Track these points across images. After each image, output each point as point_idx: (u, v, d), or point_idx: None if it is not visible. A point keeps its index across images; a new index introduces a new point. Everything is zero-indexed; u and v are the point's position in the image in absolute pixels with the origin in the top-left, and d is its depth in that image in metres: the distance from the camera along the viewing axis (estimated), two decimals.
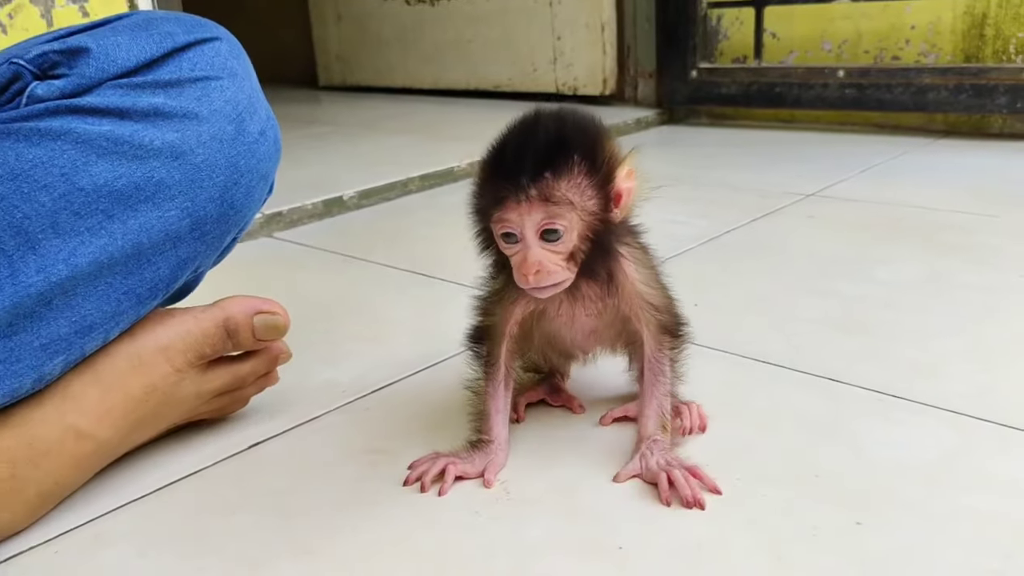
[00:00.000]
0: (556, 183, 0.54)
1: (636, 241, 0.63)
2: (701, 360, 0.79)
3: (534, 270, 0.54)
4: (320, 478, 0.63)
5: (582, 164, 0.55)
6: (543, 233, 0.55)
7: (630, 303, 0.61)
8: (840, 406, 0.70)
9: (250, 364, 0.68)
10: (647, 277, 0.62)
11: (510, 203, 0.54)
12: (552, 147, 0.55)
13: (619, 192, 0.57)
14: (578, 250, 0.56)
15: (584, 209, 0.55)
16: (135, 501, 0.61)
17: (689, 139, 1.96)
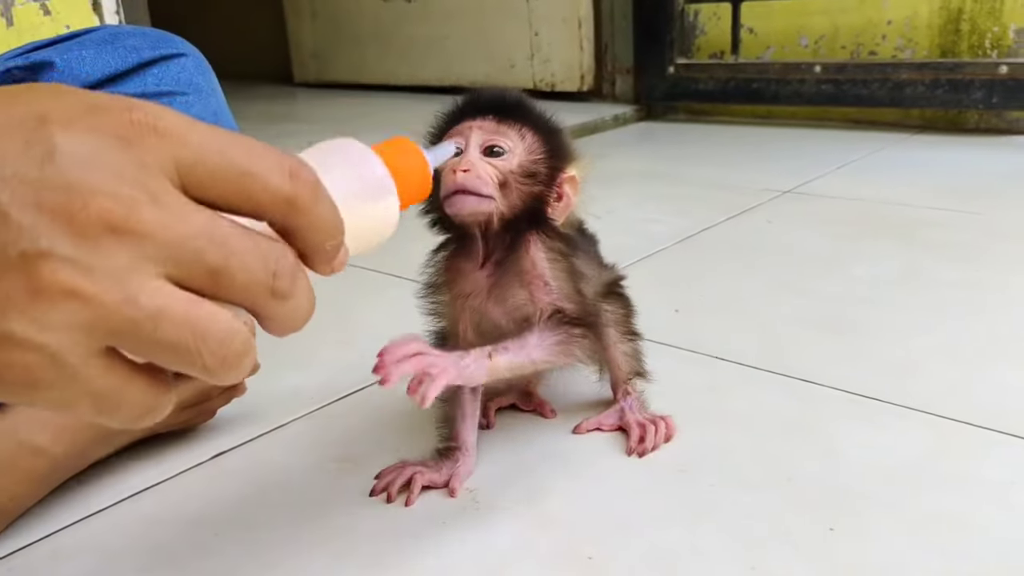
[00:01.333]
0: (510, 124, 0.57)
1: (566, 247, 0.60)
2: (676, 363, 0.78)
3: (464, 167, 0.54)
4: (284, 488, 0.62)
5: (537, 132, 0.58)
6: (486, 149, 0.56)
7: (529, 281, 0.58)
8: (816, 408, 0.69)
9: None
10: (555, 262, 0.58)
11: (465, 123, 0.57)
12: (516, 102, 0.58)
13: (561, 192, 0.57)
14: (511, 189, 0.55)
15: (526, 163, 0.56)
16: (94, 515, 0.59)
17: (667, 135, 1.96)
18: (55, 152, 0.26)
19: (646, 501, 0.58)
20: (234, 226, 0.29)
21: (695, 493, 0.59)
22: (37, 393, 0.27)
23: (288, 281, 0.30)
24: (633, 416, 0.66)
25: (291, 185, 0.30)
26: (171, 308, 0.27)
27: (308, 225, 0.31)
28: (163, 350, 0.27)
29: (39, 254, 0.25)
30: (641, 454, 0.63)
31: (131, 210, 0.26)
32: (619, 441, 0.65)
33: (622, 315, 0.67)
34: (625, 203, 1.35)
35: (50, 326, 0.26)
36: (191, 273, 0.28)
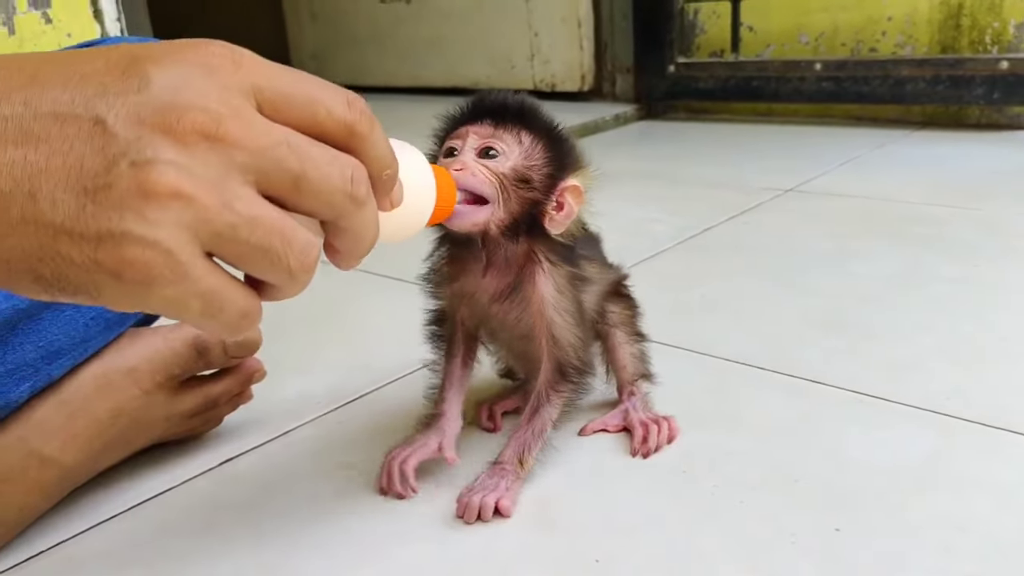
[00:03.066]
0: (508, 129, 0.56)
1: (572, 268, 0.60)
2: (679, 363, 0.78)
3: (457, 166, 0.54)
4: (291, 494, 0.62)
5: (537, 137, 0.57)
6: (480, 151, 0.55)
7: (534, 320, 0.59)
8: (819, 408, 0.70)
9: (223, 384, 0.66)
10: (561, 303, 0.59)
11: (464, 127, 0.56)
12: (517, 107, 0.57)
13: (562, 201, 0.56)
14: (509, 194, 0.55)
15: (521, 167, 0.55)
16: (105, 522, 0.60)
17: (667, 134, 1.96)
18: (149, 80, 0.30)
19: (651, 503, 0.58)
20: (311, 140, 0.33)
21: (699, 495, 0.59)
22: (153, 290, 0.30)
23: (364, 188, 0.35)
24: (637, 416, 0.66)
25: (350, 112, 0.34)
26: (264, 216, 0.32)
27: (366, 151, 0.36)
28: (256, 253, 0.32)
29: (146, 161, 0.29)
30: (645, 454, 0.63)
31: (219, 122, 0.30)
32: (624, 443, 0.66)
33: (628, 316, 0.67)
34: (626, 203, 1.35)
35: (162, 223, 0.29)
36: (275, 181, 0.32)
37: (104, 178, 0.29)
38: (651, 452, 0.63)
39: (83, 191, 0.29)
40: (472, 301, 0.60)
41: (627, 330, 0.67)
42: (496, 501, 0.57)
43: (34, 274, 0.30)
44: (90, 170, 0.29)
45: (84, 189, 0.29)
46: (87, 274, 0.30)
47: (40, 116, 0.29)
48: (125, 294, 0.30)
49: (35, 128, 0.29)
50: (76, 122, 0.29)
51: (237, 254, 0.32)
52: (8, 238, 0.29)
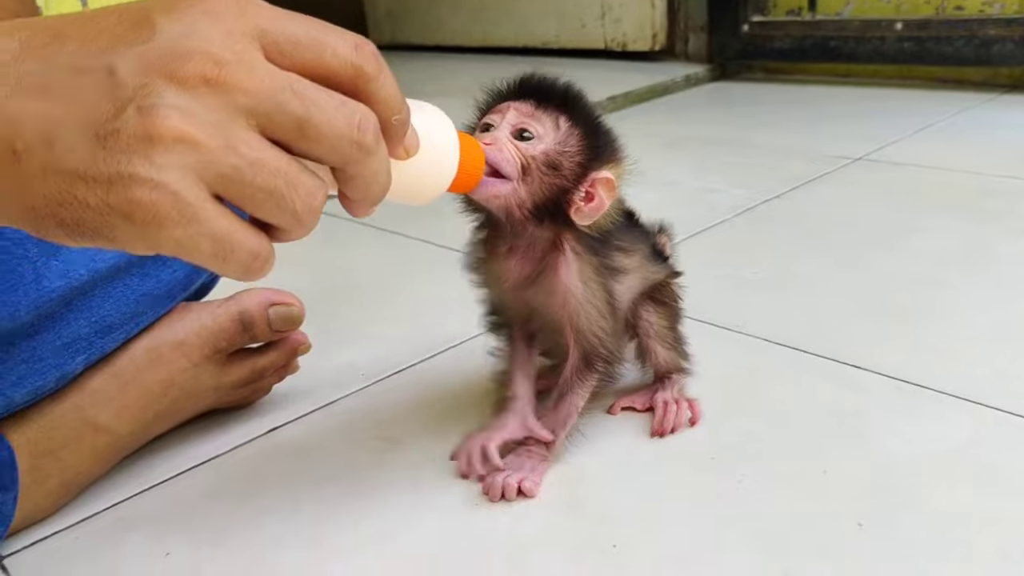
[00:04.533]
0: (548, 111, 0.56)
1: (605, 258, 0.59)
2: (720, 342, 0.78)
3: (489, 139, 0.54)
4: (329, 465, 0.65)
5: (576, 124, 0.56)
6: (516, 131, 0.55)
7: (558, 309, 0.59)
8: (858, 395, 0.68)
9: (269, 356, 0.69)
10: (585, 294, 0.58)
11: (503, 104, 0.56)
12: (562, 91, 0.57)
13: (592, 192, 0.56)
14: (533, 177, 0.54)
15: (552, 152, 0.55)
16: (154, 487, 0.63)
17: (740, 96, 1.91)
18: (157, 30, 0.32)
19: (675, 490, 0.59)
20: (317, 85, 0.34)
21: (725, 484, 0.59)
22: (164, 231, 0.32)
23: (372, 136, 0.35)
24: (662, 394, 0.66)
25: (357, 54, 0.35)
26: (268, 158, 0.33)
27: (373, 94, 0.36)
28: (261, 195, 0.33)
29: (151, 106, 0.31)
30: (661, 434, 0.64)
31: (222, 67, 0.31)
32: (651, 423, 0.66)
33: (664, 329, 0.66)
34: (689, 172, 1.33)
35: (167, 166, 0.31)
36: (279, 124, 0.33)
37: (113, 124, 0.31)
38: (667, 432, 0.64)
39: (95, 137, 0.31)
40: (501, 285, 0.61)
41: (663, 343, 0.66)
42: (519, 482, 0.58)
43: (57, 219, 0.32)
44: (101, 117, 0.31)
45: (96, 135, 0.31)
46: (102, 217, 0.31)
47: (59, 69, 0.31)
48: (138, 236, 0.32)
49: (54, 81, 0.31)
50: (91, 73, 0.31)
51: (242, 196, 0.33)
52: (32, 186, 0.31)
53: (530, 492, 0.58)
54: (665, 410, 0.65)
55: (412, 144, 0.41)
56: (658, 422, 0.65)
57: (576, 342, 0.60)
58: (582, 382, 0.60)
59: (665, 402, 0.66)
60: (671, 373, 0.68)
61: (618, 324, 0.61)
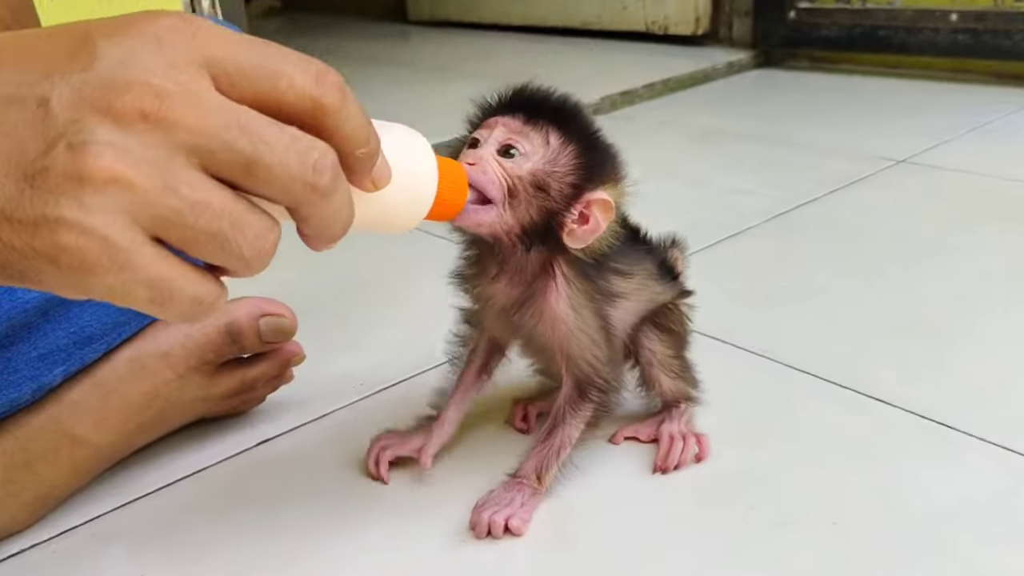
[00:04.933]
0: (538, 127, 0.52)
1: (599, 283, 0.56)
2: (735, 365, 0.74)
3: (473, 158, 0.51)
4: (316, 485, 0.62)
5: (568, 141, 0.52)
6: (502, 148, 0.51)
7: (549, 336, 0.55)
8: (879, 432, 0.64)
9: (260, 367, 0.67)
10: (576, 322, 0.55)
11: (493, 119, 0.53)
12: (556, 104, 0.53)
13: (586, 214, 0.52)
14: (520, 199, 0.51)
15: (540, 171, 0.51)
16: (134, 501, 0.62)
17: (783, 86, 1.84)
18: (96, 56, 0.29)
19: (675, 529, 0.55)
20: (269, 120, 0.31)
21: (728, 524, 0.55)
22: (94, 278, 0.29)
23: (329, 177, 0.32)
24: (668, 427, 0.63)
25: (317, 86, 0.32)
26: (210, 200, 0.30)
27: (335, 129, 0.33)
28: (204, 239, 0.30)
29: (82, 143, 0.28)
30: (664, 471, 0.60)
31: (162, 100, 0.29)
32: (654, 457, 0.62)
33: (668, 358, 0.62)
34: (721, 169, 1.28)
35: (97, 209, 0.28)
36: (225, 163, 0.30)
37: (42, 161, 0.28)
38: (670, 469, 0.60)
39: (23, 176, 0.28)
40: (490, 307, 0.57)
41: (667, 372, 0.62)
42: (506, 519, 0.55)
43: None
44: (30, 154, 0.28)
45: (24, 174, 0.28)
46: (27, 260, 0.29)
47: None
48: (65, 281, 0.30)
49: None
50: (22, 104, 0.29)
51: (183, 239, 0.30)
52: None
53: (517, 531, 0.55)
54: (670, 444, 0.61)
55: (381, 176, 0.38)
56: (661, 457, 0.61)
57: (569, 370, 0.56)
58: (575, 412, 0.57)
59: (671, 436, 0.62)
60: (678, 402, 0.64)
61: (615, 351, 0.57)
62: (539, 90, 0.55)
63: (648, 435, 0.64)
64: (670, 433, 0.62)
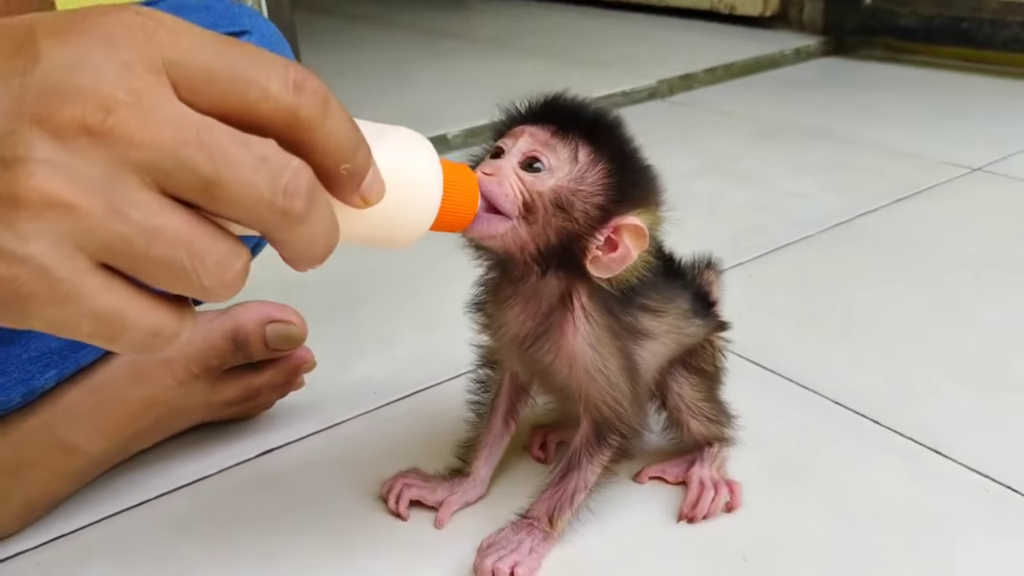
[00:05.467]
0: (567, 140, 0.47)
1: (624, 319, 0.50)
2: (775, 397, 0.68)
3: (491, 169, 0.46)
4: (319, 503, 0.59)
5: (600, 158, 0.47)
6: (525, 160, 0.46)
7: (565, 374, 0.51)
8: (934, 490, 0.58)
9: (267, 375, 0.63)
10: (596, 361, 0.49)
11: (520, 127, 0.48)
12: (591, 117, 0.48)
13: (615, 240, 0.46)
14: (538, 217, 0.46)
15: (563, 189, 0.46)
16: (127, 511, 0.59)
17: (853, 77, 1.73)
18: (39, 59, 0.25)
19: None
20: (235, 134, 0.27)
21: None
22: (33, 311, 0.26)
23: (304, 200, 0.28)
24: (699, 472, 0.57)
25: (295, 95, 0.28)
26: (164, 224, 0.26)
27: (314, 143, 0.29)
28: (158, 268, 0.27)
29: (16, 159, 0.25)
30: (690, 520, 0.55)
31: (109, 112, 0.25)
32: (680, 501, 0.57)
33: (700, 399, 0.57)
34: (778, 170, 1.20)
35: (32, 236, 0.25)
36: (183, 185, 0.27)
37: None
38: (698, 518, 0.55)
39: None
40: (504, 336, 0.52)
41: (697, 418, 0.57)
42: (512, 567, 0.51)
43: None
44: None
45: None
46: None
47: None
48: (2, 313, 0.26)
49: None
50: None
51: (135, 268, 0.27)
52: None
53: None
54: (700, 492, 0.56)
55: (372, 191, 0.33)
56: (688, 505, 0.56)
57: (587, 411, 0.51)
58: (592, 457, 0.52)
59: (701, 481, 0.57)
60: (711, 443, 0.59)
61: (639, 393, 0.52)
62: (574, 100, 0.49)
63: (676, 476, 0.59)
64: (700, 478, 0.57)
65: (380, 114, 0.42)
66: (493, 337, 0.54)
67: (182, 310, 0.29)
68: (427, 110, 1.47)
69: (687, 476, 0.58)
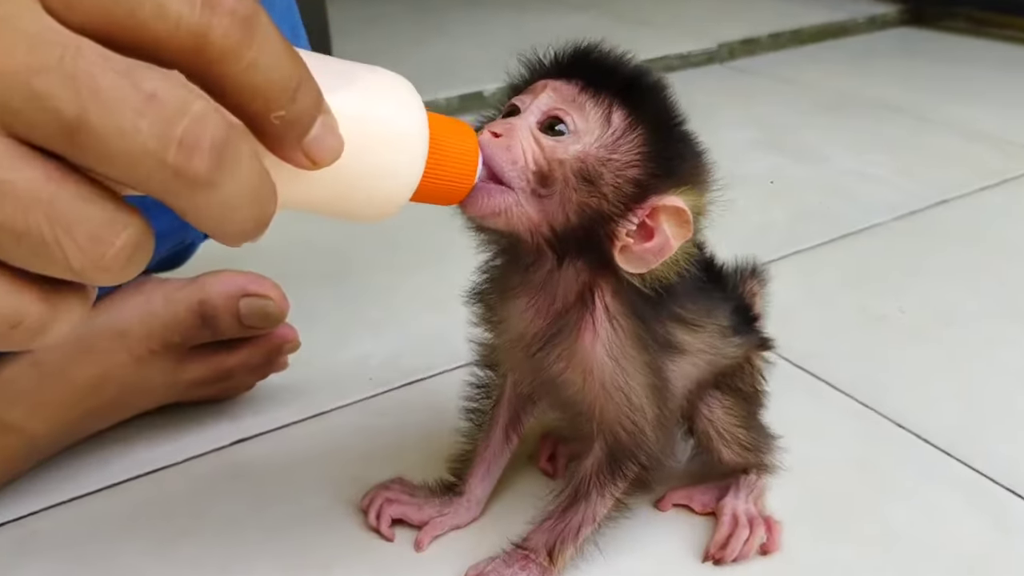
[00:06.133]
0: (599, 99, 0.38)
1: (655, 328, 0.41)
2: (825, 411, 0.59)
3: (501, 128, 0.37)
4: (293, 505, 0.51)
5: (637, 122, 0.38)
6: (545, 121, 0.38)
7: (580, 388, 0.42)
8: (1010, 537, 0.48)
9: (240, 355, 0.56)
10: (616, 376, 0.41)
11: (542, 81, 0.39)
12: (629, 73, 0.39)
13: (651, 226, 0.37)
14: (555, 191, 0.37)
15: (591, 157, 0.37)
16: (71, 501, 0.52)
17: (933, 50, 1.59)
18: None
19: None
20: (115, 60, 0.20)
21: None
22: None
23: (206, 159, 0.21)
24: (732, 504, 0.49)
25: (203, 12, 0.21)
26: (12, 179, 0.20)
27: (234, 78, 0.22)
28: (8, 240, 0.20)
29: None
30: (718, 561, 0.47)
31: None
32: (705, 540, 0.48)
33: (734, 425, 0.48)
34: (844, 146, 1.09)
35: None
36: (38, 128, 0.20)
37: None
38: (726, 560, 0.46)
39: None
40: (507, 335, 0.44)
41: (730, 448, 0.48)
42: None
43: None
44: None
45: None
46: None
47: None
48: None
49: None
50: None
51: None
52: None
53: None
54: (732, 528, 0.47)
55: (323, 147, 0.25)
56: (717, 544, 0.47)
57: (601, 434, 0.43)
58: (603, 487, 0.43)
59: (734, 515, 0.48)
60: (748, 470, 0.50)
61: (666, 417, 0.43)
62: (610, 53, 0.40)
63: (704, 506, 0.50)
64: (734, 511, 0.48)
65: (408, 68, 0.33)
66: (494, 333, 0.46)
67: (59, 296, 0.22)
68: (468, 64, 1.37)
69: (718, 507, 0.49)
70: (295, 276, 0.64)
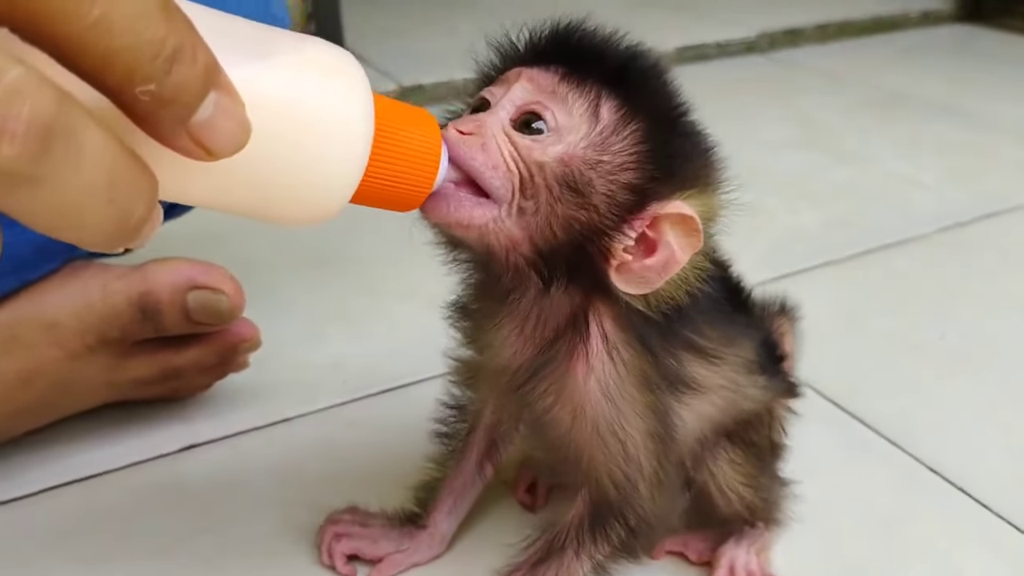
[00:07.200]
0: (583, 89, 0.32)
1: (664, 359, 0.35)
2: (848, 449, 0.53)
3: (469, 126, 0.31)
4: (229, 527, 0.46)
5: (632, 116, 0.32)
6: (520, 117, 0.31)
7: (568, 430, 0.35)
8: None
9: (191, 353, 0.50)
10: (611, 417, 0.34)
11: (516, 69, 0.33)
12: (618, 56, 0.33)
13: (653, 238, 0.31)
14: (540, 200, 0.31)
15: (576, 159, 0.31)
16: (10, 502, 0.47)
17: (989, 49, 1.49)
18: None
19: None
20: None
21: None
22: None
23: (23, 143, 0.16)
24: (730, 555, 0.42)
25: None
26: None
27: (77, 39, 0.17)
28: None
29: None
30: None
31: None
32: None
33: (741, 483, 0.41)
34: (892, 146, 1.01)
35: None
36: None
37: None
38: None
39: None
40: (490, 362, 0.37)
41: (733, 506, 0.41)
42: None
43: None
44: None
45: None
46: None
47: None
48: None
49: None
50: None
51: None
52: None
53: None
54: None
55: (218, 134, 0.20)
56: None
57: (586, 483, 0.36)
58: (580, 547, 0.37)
59: (732, 568, 0.42)
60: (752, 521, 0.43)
61: (667, 472, 0.36)
62: (596, 33, 0.33)
63: (700, 555, 0.44)
64: (732, 563, 0.42)
65: (425, 48, 0.27)
66: (476, 353, 0.39)
67: None
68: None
69: (715, 555, 0.43)
70: (265, 262, 0.58)
